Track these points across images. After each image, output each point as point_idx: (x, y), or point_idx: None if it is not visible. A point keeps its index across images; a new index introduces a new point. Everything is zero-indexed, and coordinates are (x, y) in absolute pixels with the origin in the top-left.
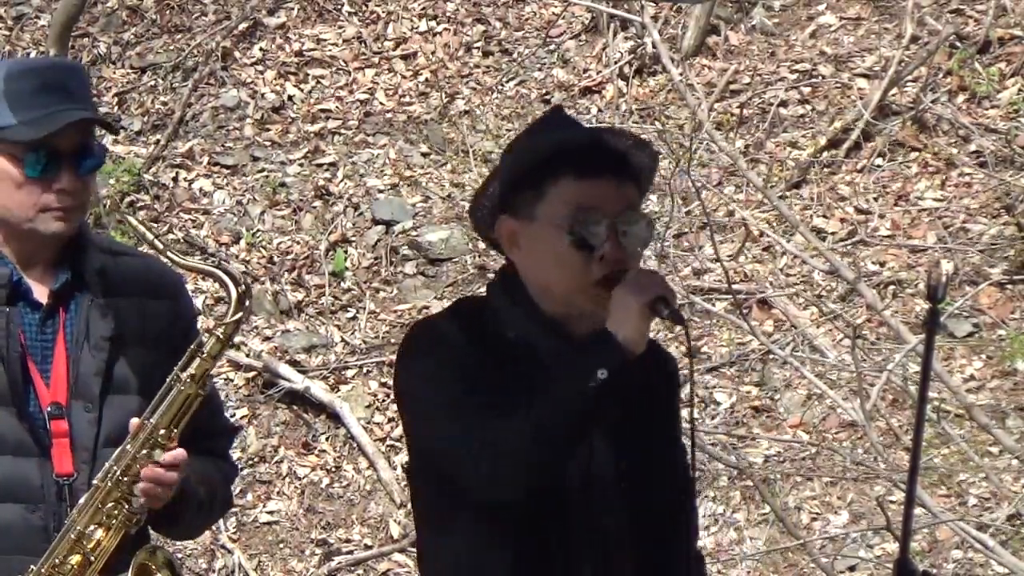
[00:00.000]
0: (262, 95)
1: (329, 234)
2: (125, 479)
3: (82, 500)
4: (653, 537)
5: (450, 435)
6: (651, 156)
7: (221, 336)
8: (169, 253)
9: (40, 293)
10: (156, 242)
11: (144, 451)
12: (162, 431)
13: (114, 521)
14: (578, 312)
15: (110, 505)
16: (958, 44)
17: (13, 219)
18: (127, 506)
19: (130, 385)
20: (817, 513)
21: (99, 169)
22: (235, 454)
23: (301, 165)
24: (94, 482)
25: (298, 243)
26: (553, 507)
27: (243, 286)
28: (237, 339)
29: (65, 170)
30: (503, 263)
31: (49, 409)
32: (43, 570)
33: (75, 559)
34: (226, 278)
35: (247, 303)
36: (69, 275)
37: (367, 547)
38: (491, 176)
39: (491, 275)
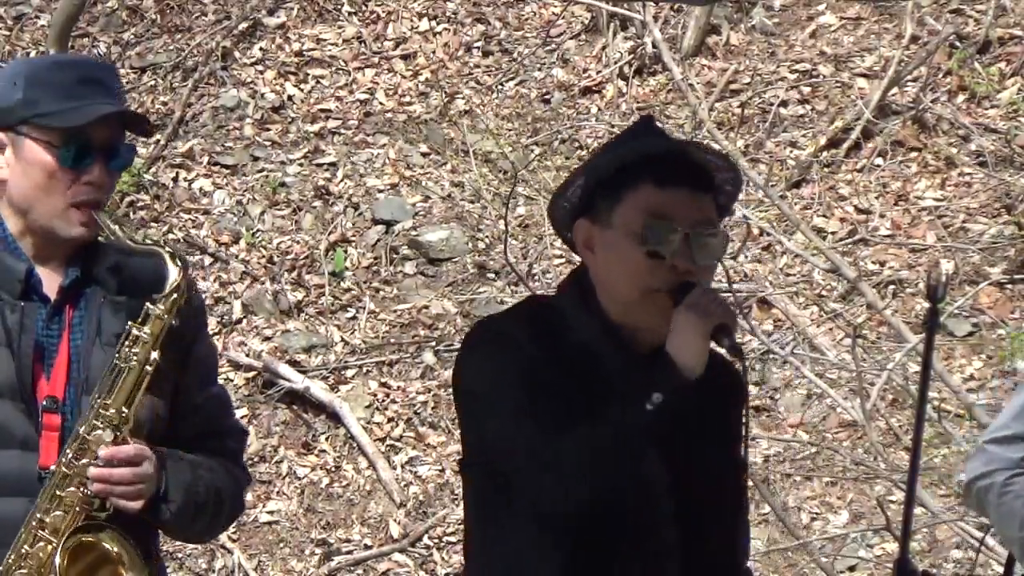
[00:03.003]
0: (262, 95)
1: (329, 234)
2: (79, 462)
3: (44, 486)
4: (703, 549)
5: (515, 443)
6: (734, 173)
7: (161, 314)
8: (118, 229)
9: (50, 288)
10: (109, 224)
11: (95, 432)
12: (113, 411)
13: (72, 503)
14: (643, 324)
15: (70, 489)
16: (958, 44)
17: (36, 212)
18: (84, 490)
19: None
20: (817, 513)
21: (127, 168)
22: None
23: (301, 165)
24: (51, 467)
25: (298, 243)
26: (605, 514)
27: (183, 267)
28: (238, 339)
29: (96, 163)
30: (578, 264)
31: (44, 403)
32: (10, 560)
33: (40, 545)
34: (167, 257)
35: (183, 284)
36: (79, 272)
37: (367, 547)
38: (571, 178)
39: (491, 275)
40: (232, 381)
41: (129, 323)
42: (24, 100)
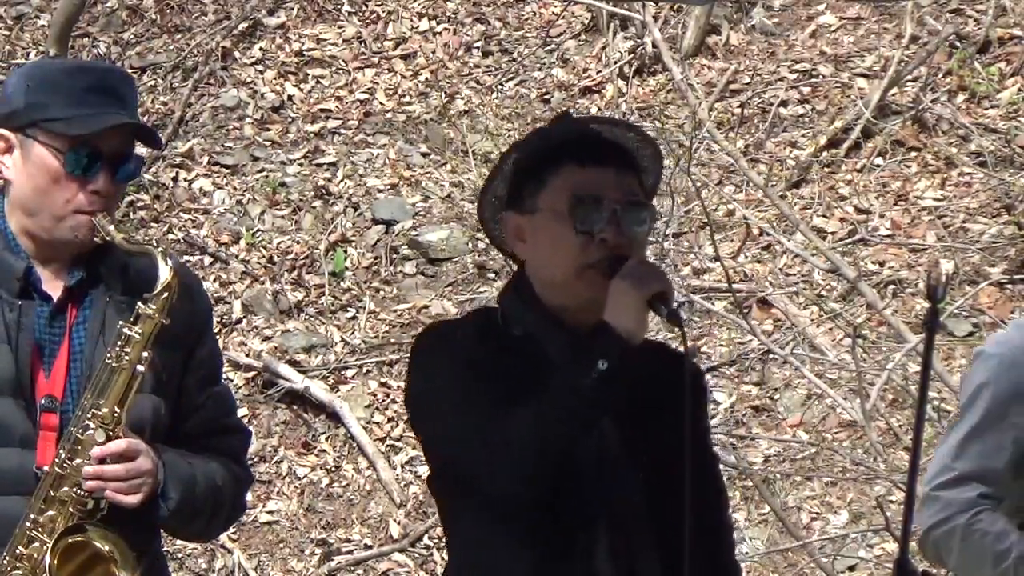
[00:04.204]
0: (262, 95)
1: (329, 234)
2: (72, 462)
3: (37, 487)
4: (672, 515)
5: (459, 433)
6: (654, 148)
7: (152, 314)
8: (113, 230)
9: (51, 286)
10: (106, 225)
11: (88, 432)
12: (105, 410)
13: (66, 503)
14: (581, 302)
15: (64, 489)
16: (958, 44)
17: (38, 215)
18: (77, 490)
19: (144, 383)
20: (817, 513)
21: (134, 178)
22: None
23: (301, 165)
24: (45, 468)
25: (298, 243)
26: (566, 487)
27: (174, 266)
28: (238, 339)
29: (103, 172)
30: (516, 268)
31: (43, 401)
32: (5, 560)
33: (35, 545)
34: (158, 256)
35: (174, 283)
36: (84, 273)
37: (367, 547)
38: (491, 177)
39: (491, 275)
40: (232, 381)
41: (120, 323)
42: (35, 103)
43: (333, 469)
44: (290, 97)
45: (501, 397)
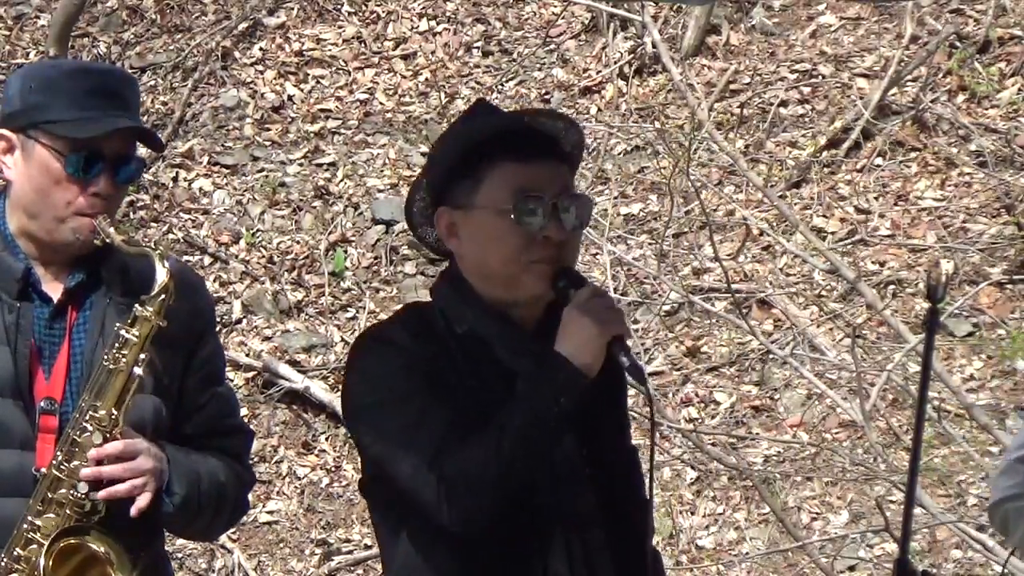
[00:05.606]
0: (262, 95)
1: (329, 234)
2: (69, 464)
3: (35, 489)
4: (621, 515)
5: (409, 461)
6: (579, 133)
7: (149, 316)
8: (113, 232)
9: (51, 288)
10: (106, 227)
11: (86, 435)
12: (103, 412)
13: (63, 505)
14: (525, 298)
15: (61, 491)
16: (958, 44)
17: (39, 217)
18: (74, 492)
19: (144, 384)
20: (817, 513)
21: (135, 180)
22: None
23: (301, 165)
24: (42, 471)
25: (298, 243)
26: (524, 498)
27: (169, 269)
28: (238, 339)
29: (104, 174)
30: (445, 266)
31: (42, 404)
32: (3, 562)
33: (32, 547)
34: (155, 258)
35: (171, 285)
36: (85, 275)
37: (367, 547)
38: (421, 174)
39: None
40: (232, 381)
41: (117, 324)
42: (37, 104)
43: (333, 469)
44: (290, 97)
45: (451, 408)
